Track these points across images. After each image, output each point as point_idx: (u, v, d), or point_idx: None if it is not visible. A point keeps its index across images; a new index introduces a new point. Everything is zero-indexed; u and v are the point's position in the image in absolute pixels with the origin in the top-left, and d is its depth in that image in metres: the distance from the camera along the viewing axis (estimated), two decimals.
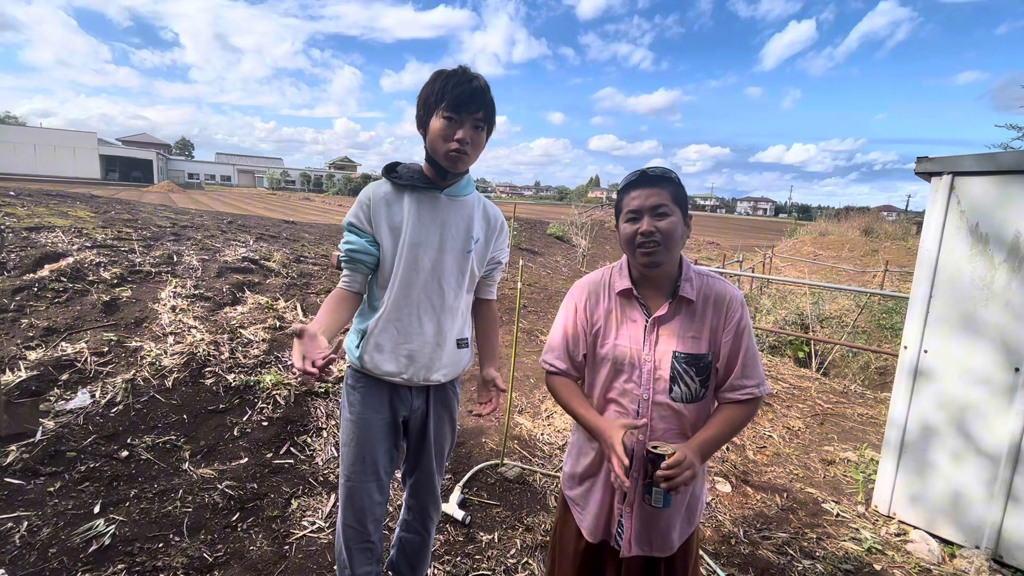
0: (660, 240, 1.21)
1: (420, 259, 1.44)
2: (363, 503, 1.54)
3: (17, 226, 4.80)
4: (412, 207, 1.44)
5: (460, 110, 1.34)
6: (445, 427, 1.66)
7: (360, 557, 1.57)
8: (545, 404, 3.89)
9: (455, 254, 1.48)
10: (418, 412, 1.58)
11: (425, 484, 1.67)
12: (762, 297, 9.92)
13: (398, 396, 1.53)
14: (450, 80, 1.34)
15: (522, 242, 14.52)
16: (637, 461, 1.26)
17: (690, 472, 1.12)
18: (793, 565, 2.34)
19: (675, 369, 1.25)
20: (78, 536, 2.05)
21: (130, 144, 66.96)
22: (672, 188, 1.23)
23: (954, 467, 2.49)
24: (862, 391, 4.98)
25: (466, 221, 1.50)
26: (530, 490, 2.79)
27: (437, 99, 1.35)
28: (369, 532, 1.56)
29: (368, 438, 1.51)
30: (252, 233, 7.34)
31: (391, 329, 1.46)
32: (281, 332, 4.06)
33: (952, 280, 2.47)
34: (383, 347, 1.46)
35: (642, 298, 1.30)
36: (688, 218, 1.27)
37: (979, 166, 2.37)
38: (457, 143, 1.35)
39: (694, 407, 1.27)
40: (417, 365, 1.48)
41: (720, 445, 1.27)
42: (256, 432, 2.91)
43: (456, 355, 1.56)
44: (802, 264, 15.48)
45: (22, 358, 3.07)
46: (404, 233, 1.43)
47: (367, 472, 1.53)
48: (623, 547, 1.32)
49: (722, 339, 1.26)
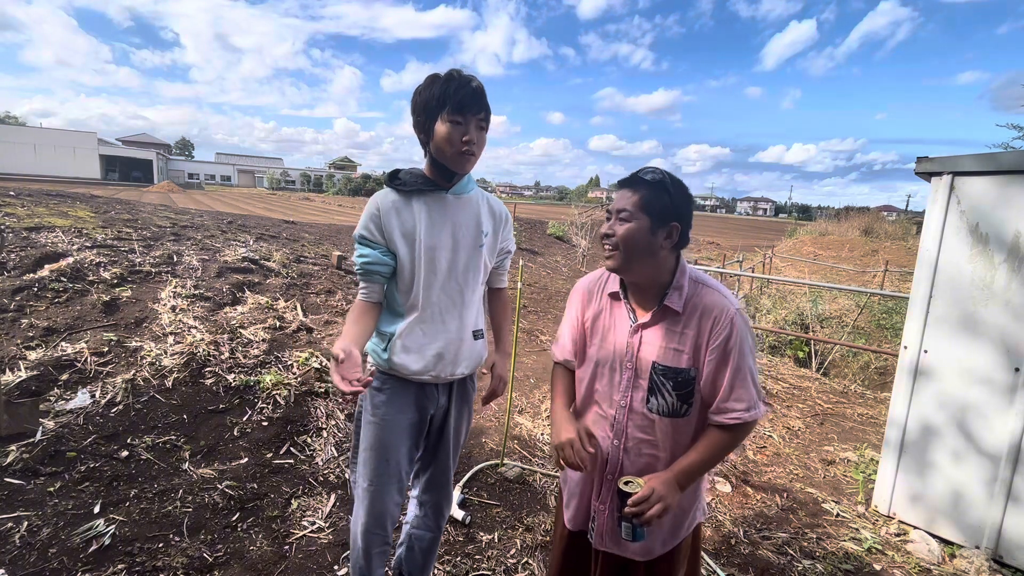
0: (615, 244, 1.17)
1: (437, 261, 1.47)
2: (385, 507, 1.54)
3: (17, 226, 4.80)
4: (422, 211, 1.46)
5: (465, 112, 1.36)
6: (463, 421, 1.69)
7: (378, 560, 1.57)
8: (545, 404, 3.89)
9: (468, 251, 1.51)
10: (441, 409, 1.61)
11: (440, 479, 1.69)
12: (762, 297, 9.92)
13: (424, 395, 1.55)
14: (450, 84, 1.36)
15: (522, 242, 14.52)
16: (608, 494, 1.28)
17: (660, 506, 1.10)
18: (793, 565, 2.34)
19: (653, 380, 1.20)
20: (78, 536, 2.05)
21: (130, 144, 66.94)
22: (647, 193, 1.16)
23: (954, 467, 2.49)
24: (862, 391, 4.98)
25: (474, 218, 1.53)
26: (530, 490, 2.79)
27: (439, 103, 1.36)
28: (388, 534, 1.58)
29: (392, 440, 1.52)
30: (252, 233, 7.34)
31: (416, 331, 1.49)
32: (281, 332, 4.06)
33: (952, 280, 2.47)
34: (410, 348, 1.48)
35: (631, 303, 1.27)
36: (668, 227, 1.16)
37: (979, 166, 2.37)
38: (466, 145, 1.38)
39: (671, 422, 1.21)
40: (444, 362, 1.51)
41: (702, 473, 1.21)
42: (256, 432, 2.91)
43: (474, 347, 1.59)
44: (802, 264, 15.48)
45: (22, 358, 3.07)
46: (419, 238, 1.45)
47: (391, 475, 1.52)
48: (595, 540, 1.33)
49: (706, 356, 1.17)
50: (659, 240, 1.16)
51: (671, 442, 1.23)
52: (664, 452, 1.23)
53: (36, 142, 47.42)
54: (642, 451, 1.24)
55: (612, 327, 1.29)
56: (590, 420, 1.33)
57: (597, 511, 1.32)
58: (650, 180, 1.17)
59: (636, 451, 1.25)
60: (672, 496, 1.13)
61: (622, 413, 1.25)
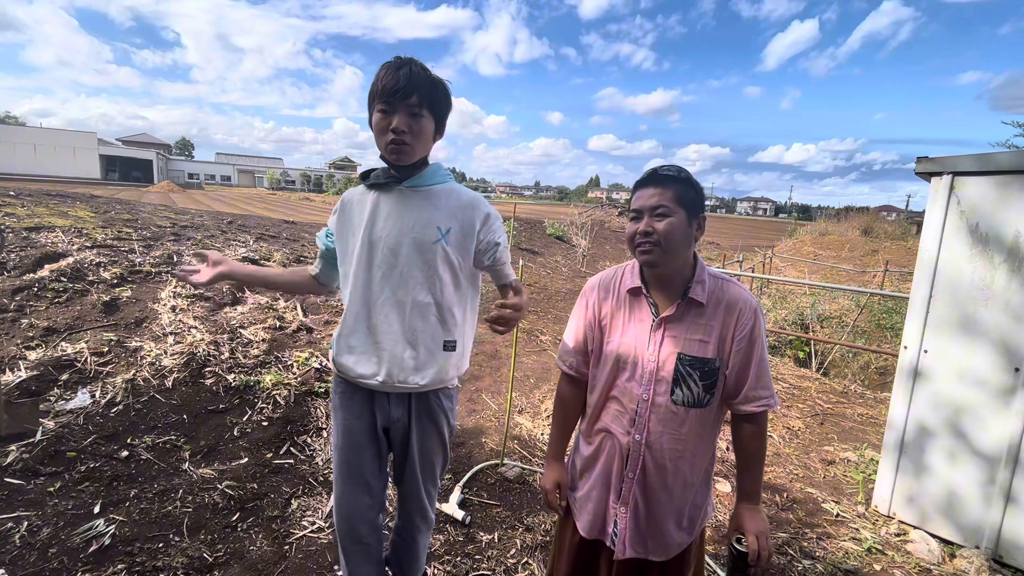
0: (656, 241, 1.20)
1: (376, 254, 1.40)
2: (351, 508, 1.52)
3: (17, 226, 4.80)
4: (373, 204, 1.42)
5: (391, 99, 1.29)
6: (432, 442, 1.54)
7: (356, 558, 1.57)
8: (545, 404, 3.89)
9: (418, 246, 1.38)
10: (399, 424, 1.50)
11: (411, 496, 1.60)
12: (762, 297, 9.92)
13: (377, 404, 1.49)
14: (380, 71, 1.31)
15: (522, 242, 14.51)
16: (629, 494, 1.31)
17: (769, 543, 1.21)
18: (793, 565, 2.34)
19: (679, 371, 1.23)
20: (78, 536, 2.05)
21: (130, 144, 66.92)
22: (678, 188, 1.21)
23: (954, 467, 2.49)
24: (862, 391, 4.98)
25: (429, 211, 1.40)
26: (530, 490, 2.79)
27: (372, 94, 1.33)
28: (361, 535, 1.55)
29: (351, 444, 1.50)
30: (252, 233, 7.34)
31: (361, 328, 1.42)
32: (281, 332, 4.06)
33: (952, 280, 2.47)
34: (354, 348, 1.43)
35: (652, 298, 1.29)
36: (699, 219, 1.24)
37: (979, 166, 2.37)
38: (392, 133, 1.31)
39: (696, 412, 1.24)
40: (389, 366, 1.41)
41: (762, 475, 1.31)
42: (256, 432, 2.91)
43: (437, 358, 1.44)
44: (802, 264, 15.48)
45: (22, 358, 3.07)
46: (365, 229, 1.41)
47: (353, 477, 1.51)
48: (618, 548, 1.31)
49: (732, 347, 1.22)
50: (693, 231, 1.24)
51: (694, 434, 1.26)
52: (688, 443, 1.26)
53: (36, 142, 47.41)
54: (664, 445, 1.25)
55: (632, 322, 1.30)
56: (609, 417, 1.33)
57: (618, 515, 1.31)
58: (676, 175, 1.22)
59: (658, 445, 1.25)
60: (766, 523, 1.25)
61: (644, 407, 1.26)
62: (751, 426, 1.27)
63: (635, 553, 1.31)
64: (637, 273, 1.32)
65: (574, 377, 1.43)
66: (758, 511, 1.26)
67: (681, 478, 1.27)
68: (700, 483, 1.32)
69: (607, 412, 1.33)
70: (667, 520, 1.29)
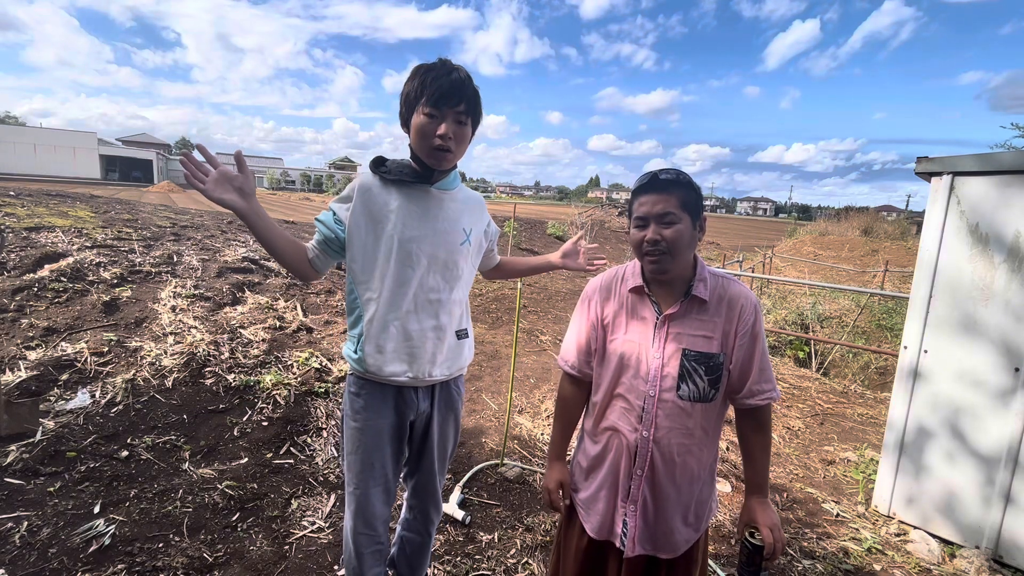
0: (665, 248, 1.21)
1: (415, 255, 1.41)
2: (372, 509, 1.52)
3: (17, 226, 4.80)
4: (401, 202, 1.40)
5: (440, 104, 1.30)
6: (449, 428, 1.63)
7: (371, 560, 1.57)
8: (545, 404, 3.89)
9: (450, 248, 1.45)
10: (424, 415, 1.55)
11: (427, 486, 1.65)
12: (762, 297, 9.92)
13: (403, 399, 1.49)
14: (429, 74, 1.30)
15: (522, 242, 14.51)
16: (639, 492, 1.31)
17: (781, 534, 1.21)
18: (793, 565, 2.34)
19: (684, 367, 1.24)
20: (78, 536, 2.05)
21: (130, 144, 66.89)
22: (682, 193, 1.22)
23: (954, 467, 2.49)
24: (862, 391, 4.98)
25: (457, 214, 1.48)
26: (530, 490, 2.78)
27: (417, 95, 1.31)
28: (380, 534, 1.56)
29: (375, 444, 1.49)
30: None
31: (390, 328, 1.41)
32: (281, 332, 4.06)
33: (952, 281, 2.47)
34: (384, 348, 1.42)
35: (654, 296, 1.30)
36: (701, 220, 1.26)
37: (979, 166, 2.37)
38: (440, 139, 1.32)
39: (701, 407, 1.26)
40: (420, 362, 1.45)
41: (768, 468, 1.33)
42: (256, 432, 2.91)
43: (456, 348, 1.53)
44: (802, 264, 15.48)
45: (22, 358, 3.07)
46: (395, 228, 1.39)
47: (376, 479, 1.51)
48: (627, 546, 1.32)
49: (736, 342, 1.25)
50: (697, 234, 1.26)
51: (700, 429, 1.28)
52: (694, 438, 1.27)
53: (36, 142, 47.38)
54: (671, 440, 1.26)
55: (635, 320, 1.31)
56: (615, 415, 1.33)
57: (627, 513, 1.32)
58: (678, 179, 1.23)
59: (666, 441, 1.26)
60: (777, 516, 1.26)
61: (651, 403, 1.27)
62: (756, 420, 1.30)
63: (644, 550, 1.32)
64: (638, 272, 1.33)
65: (576, 377, 1.43)
66: (768, 504, 1.27)
67: (688, 473, 1.28)
68: (706, 478, 1.33)
69: (613, 410, 1.34)
70: (675, 516, 1.30)
